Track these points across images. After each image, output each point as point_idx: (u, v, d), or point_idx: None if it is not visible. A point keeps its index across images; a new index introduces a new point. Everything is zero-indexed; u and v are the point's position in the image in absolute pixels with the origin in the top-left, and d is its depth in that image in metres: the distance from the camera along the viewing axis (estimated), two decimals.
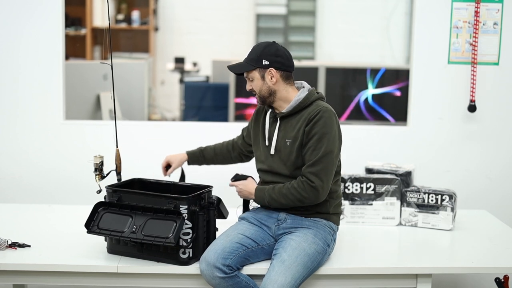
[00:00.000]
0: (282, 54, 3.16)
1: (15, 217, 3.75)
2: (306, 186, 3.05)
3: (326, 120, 3.08)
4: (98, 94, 5.88)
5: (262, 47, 3.16)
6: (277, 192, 3.10)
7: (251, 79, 3.18)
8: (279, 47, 3.17)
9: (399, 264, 3.16)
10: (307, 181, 3.05)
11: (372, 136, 4.30)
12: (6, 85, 4.20)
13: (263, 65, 3.13)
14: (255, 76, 3.16)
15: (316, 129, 3.07)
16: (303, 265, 2.95)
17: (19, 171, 4.25)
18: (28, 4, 4.14)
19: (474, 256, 3.28)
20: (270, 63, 3.13)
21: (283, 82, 3.17)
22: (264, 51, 3.14)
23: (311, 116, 3.09)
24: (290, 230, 3.15)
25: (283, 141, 3.17)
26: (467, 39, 4.14)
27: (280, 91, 3.17)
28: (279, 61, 3.15)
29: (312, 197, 3.06)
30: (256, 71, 3.15)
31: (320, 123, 3.07)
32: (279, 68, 3.15)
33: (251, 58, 3.16)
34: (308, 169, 3.06)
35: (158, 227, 2.96)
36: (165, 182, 3.32)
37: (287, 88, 3.18)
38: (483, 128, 4.24)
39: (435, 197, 3.68)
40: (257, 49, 3.18)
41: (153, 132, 4.35)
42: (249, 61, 3.16)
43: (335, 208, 3.22)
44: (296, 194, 3.05)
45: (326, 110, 3.10)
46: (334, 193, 3.20)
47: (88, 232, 3.06)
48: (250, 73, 3.17)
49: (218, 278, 2.92)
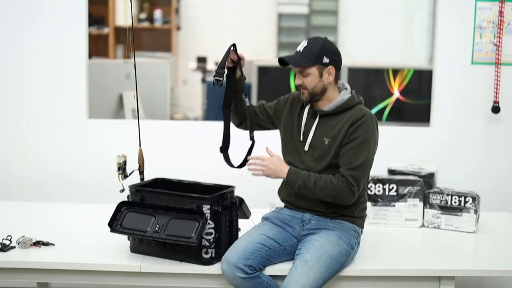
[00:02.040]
0: (339, 53, 3.14)
1: (39, 215, 3.77)
2: (345, 187, 3.02)
3: (369, 125, 3.07)
4: (121, 93, 5.91)
5: (321, 43, 3.10)
6: (313, 181, 3.04)
7: (306, 75, 3.10)
8: (335, 46, 3.15)
9: (422, 266, 3.14)
10: (348, 182, 3.02)
11: (394, 137, 4.28)
12: (30, 84, 4.23)
13: (324, 62, 3.08)
14: (312, 72, 3.09)
15: (359, 132, 3.05)
16: (326, 266, 2.95)
17: (44, 170, 4.28)
18: (52, 3, 4.17)
19: (498, 259, 3.26)
20: (331, 61, 3.09)
21: (334, 81, 3.14)
22: (324, 48, 3.09)
23: (355, 119, 3.07)
24: (314, 231, 3.14)
25: (321, 140, 3.13)
26: (491, 39, 4.11)
27: (329, 90, 3.13)
28: (338, 60, 3.12)
29: (346, 198, 3.05)
30: (315, 67, 3.09)
31: (363, 127, 3.06)
32: (337, 67, 3.12)
33: (311, 53, 3.08)
34: (350, 172, 3.03)
35: (180, 227, 2.97)
36: (188, 182, 3.33)
37: (334, 88, 3.16)
38: (507, 129, 4.20)
39: (458, 199, 3.66)
40: (315, 44, 3.10)
41: (175, 131, 4.37)
42: (309, 56, 3.09)
43: (361, 211, 3.21)
44: (333, 191, 3.02)
45: (370, 115, 3.09)
46: (361, 197, 3.18)
47: (111, 231, 3.07)
48: (307, 68, 3.09)
49: (239, 279, 2.92)
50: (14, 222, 3.57)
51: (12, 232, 3.25)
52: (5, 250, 3.11)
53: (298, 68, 3.12)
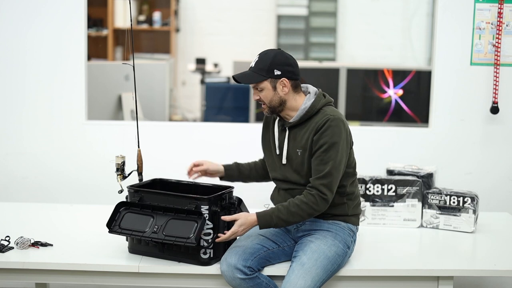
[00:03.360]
0: (292, 63, 3.08)
1: (38, 216, 3.78)
2: (318, 199, 2.98)
3: (334, 129, 3.01)
4: (119, 95, 5.90)
5: (272, 56, 3.06)
6: (285, 212, 2.98)
7: (260, 90, 3.08)
8: (287, 55, 3.09)
9: (420, 266, 3.14)
10: (319, 194, 2.99)
11: (393, 137, 4.28)
12: (29, 86, 4.24)
13: (275, 75, 3.04)
14: (266, 86, 3.06)
15: (324, 138, 3.00)
16: (323, 268, 2.95)
17: (42, 171, 4.28)
18: (51, 5, 4.18)
19: (496, 259, 3.26)
20: (282, 73, 3.04)
21: (293, 91, 3.09)
22: (275, 61, 3.04)
23: (318, 126, 3.02)
24: (309, 232, 3.14)
25: (294, 151, 3.12)
26: (490, 40, 4.11)
27: (289, 100, 3.09)
28: (290, 70, 3.07)
29: (322, 208, 3.01)
30: (267, 81, 3.05)
31: (328, 132, 3.00)
32: (291, 77, 3.07)
33: (261, 68, 3.05)
34: (320, 181, 3.00)
35: (179, 227, 2.97)
36: (186, 182, 3.33)
37: (295, 97, 3.10)
38: (506, 129, 4.20)
39: (457, 199, 3.66)
40: (266, 58, 3.06)
41: (174, 132, 4.36)
42: (258, 71, 3.05)
43: (354, 209, 3.19)
44: (308, 209, 2.98)
45: (333, 119, 3.02)
46: (352, 195, 3.17)
47: (109, 231, 3.07)
48: (260, 83, 3.06)
49: (238, 279, 2.92)
50: (13, 223, 3.58)
51: (11, 233, 3.25)
52: (3, 250, 3.11)
53: (252, 84, 3.10)
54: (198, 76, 8.55)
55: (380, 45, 9.15)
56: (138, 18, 8.93)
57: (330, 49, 9.30)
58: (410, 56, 9.04)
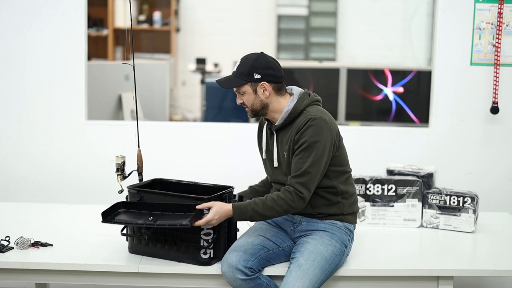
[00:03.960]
0: (273, 66, 3.08)
1: (38, 216, 3.78)
2: (295, 197, 2.97)
3: (314, 128, 2.99)
4: (119, 95, 5.90)
5: (252, 60, 3.07)
6: (261, 205, 2.97)
7: (242, 93, 3.09)
8: (269, 59, 3.09)
9: (420, 266, 3.14)
10: (296, 191, 2.97)
11: (393, 137, 4.28)
12: (29, 86, 4.24)
13: (255, 79, 3.05)
14: (246, 90, 3.07)
15: (304, 137, 2.99)
16: (321, 269, 2.95)
17: (42, 171, 4.29)
18: (51, 5, 4.18)
19: (496, 259, 3.26)
20: (262, 77, 3.05)
21: (275, 94, 3.09)
22: (255, 65, 3.05)
23: (300, 126, 3.02)
24: (306, 233, 3.14)
25: (282, 154, 3.12)
26: (490, 40, 4.11)
27: (272, 103, 3.09)
28: (271, 74, 3.07)
29: (299, 206, 3.00)
30: (247, 85, 3.06)
31: (308, 131, 2.99)
32: (271, 80, 3.07)
33: (241, 72, 3.07)
34: (296, 179, 2.98)
35: (174, 218, 2.97)
36: (186, 182, 3.33)
37: (279, 100, 3.10)
38: (506, 129, 4.20)
39: (457, 199, 3.66)
40: (246, 62, 3.08)
41: (174, 132, 4.36)
42: (239, 75, 3.07)
43: (350, 208, 3.17)
44: (284, 205, 2.97)
45: (314, 118, 3.00)
46: (346, 193, 3.15)
47: (102, 221, 3.02)
48: (241, 87, 3.08)
49: (239, 280, 2.92)
50: (13, 223, 3.58)
51: (11, 233, 3.25)
52: (3, 250, 3.11)
53: (235, 88, 3.11)
54: (198, 76, 8.54)
55: (380, 45, 9.14)
56: (138, 18, 8.92)
57: (330, 49, 9.30)
58: (410, 56, 9.04)
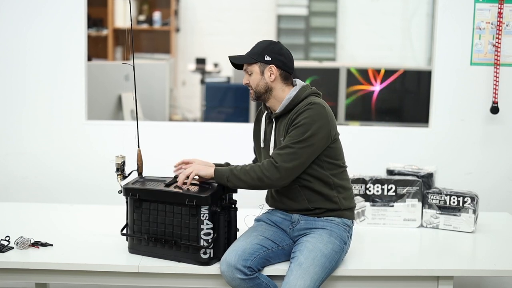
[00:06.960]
0: (285, 54, 3.15)
1: (38, 216, 3.78)
2: (268, 165, 2.99)
3: (311, 112, 3.02)
4: (119, 95, 5.91)
5: (267, 44, 3.16)
6: (239, 169, 3.03)
7: (250, 73, 3.15)
8: (283, 47, 3.15)
9: (420, 266, 3.14)
10: (271, 160, 3.00)
11: (393, 137, 4.28)
12: (29, 86, 4.24)
13: (265, 60, 3.11)
14: (254, 70, 3.14)
15: (299, 119, 3.02)
16: (321, 266, 2.95)
17: (42, 170, 4.29)
18: (51, 5, 4.18)
19: (496, 259, 3.26)
20: (272, 60, 3.11)
21: (281, 81, 3.14)
22: (268, 48, 3.13)
23: (298, 110, 3.05)
24: (305, 231, 3.13)
25: (279, 142, 3.13)
26: (490, 40, 4.12)
27: (276, 89, 3.14)
28: (281, 60, 3.13)
29: (272, 176, 2.99)
30: (256, 65, 3.13)
31: (304, 114, 3.02)
32: (280, 66, 3.12)
33: (254, 52, 3.15)
34: (277, 151, 3.02)
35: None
36: None
37: (283, 88, 3.15)
38: (506, 129, 4.20)
39: (457, 199, 3.66)
40: (261, 44, 3.17)
41: (174, 132, 4.37)
42: (251, 55, 3.15)
43: (347, 202, 3.17)
44: (258, 171, 2.99)
45: (314, 103, 3.04)
46: (341, 187, 3.15)
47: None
48: (250, 66, 3.15)
49: (238, 280, 2.92)
50: (13, 223, 3.58)
51: (11, 233, 3.25)
52: (3, 251, 3.11)
53: (244, 67, 3.17)
54: (198, 76, 8.55)
55: (380, 45, 9.14)
56: (138, 18, 8.92)
57: (330, 49, 9.30)
58: (410, 56, 9.04)
